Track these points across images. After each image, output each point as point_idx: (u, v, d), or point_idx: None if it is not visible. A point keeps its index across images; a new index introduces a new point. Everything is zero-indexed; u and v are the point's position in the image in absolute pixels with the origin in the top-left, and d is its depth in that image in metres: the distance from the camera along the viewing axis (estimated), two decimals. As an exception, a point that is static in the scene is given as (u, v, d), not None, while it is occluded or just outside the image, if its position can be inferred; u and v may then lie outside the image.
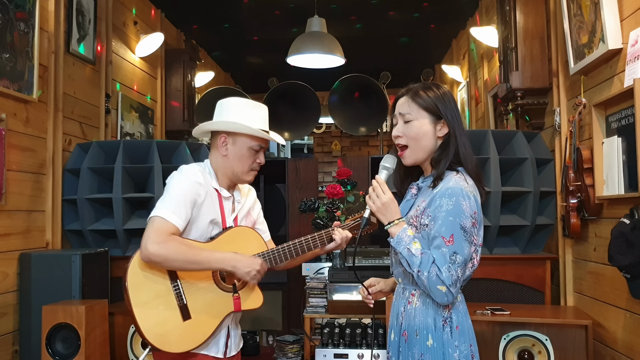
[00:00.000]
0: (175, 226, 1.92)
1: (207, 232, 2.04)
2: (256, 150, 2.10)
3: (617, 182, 2.48)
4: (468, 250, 1.64)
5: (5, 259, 2.98)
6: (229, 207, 2.13)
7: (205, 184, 2.03)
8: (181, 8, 5.20)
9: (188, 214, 1.96)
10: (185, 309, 1.97)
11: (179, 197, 1.96)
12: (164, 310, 1.95)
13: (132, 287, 1.92)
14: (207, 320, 2.00)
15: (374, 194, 1.77)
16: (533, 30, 3.42)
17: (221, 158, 2.10)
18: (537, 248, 3.28)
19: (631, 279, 2.32)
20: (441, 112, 1.74)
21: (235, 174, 2.10)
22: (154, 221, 1.92)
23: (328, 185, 4.26)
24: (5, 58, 2.91)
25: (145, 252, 1.88)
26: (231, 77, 7.61)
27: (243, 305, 2.05)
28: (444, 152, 1.74)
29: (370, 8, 5.22)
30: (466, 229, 1.63)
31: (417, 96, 1.76)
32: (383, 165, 1.83)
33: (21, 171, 3.10)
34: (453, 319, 1.69)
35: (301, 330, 3.91)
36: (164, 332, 1.94)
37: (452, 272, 1.61)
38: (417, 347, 1.69)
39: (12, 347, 3.02)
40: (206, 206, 2.03)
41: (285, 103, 5.78)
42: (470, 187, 1.69)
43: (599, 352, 2.77)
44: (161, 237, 1.89)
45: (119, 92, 4.29)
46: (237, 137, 2.08)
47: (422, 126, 1.75)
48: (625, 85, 2.39)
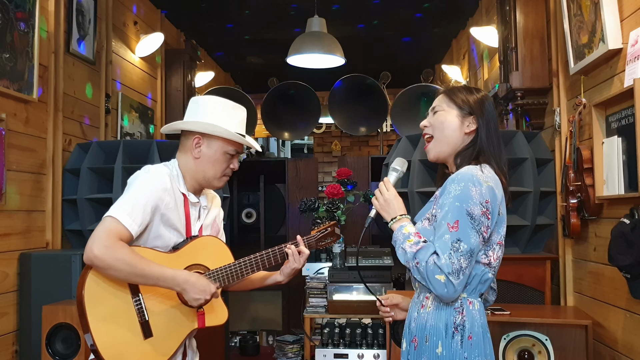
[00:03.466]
0: (127, 231, 1.76)
1: (171, 240, 1.90)
2: (231, 155, 1.96)
3: (617, 182, 2.48)
4: (475, 240, 1.53)
5: (5, 259, 2.98)
6: (195, 213, 1.98)
7: (171, 189, 1.87)
8: (181, 8, 5.20)
9: (145, 220, 1.80)
10: (147, 326, 1.81)
11: (139, 199, 1.79)
12: (123, 328, 1.79)
13: (89, 301, 1.75)
14: (170, 338, 1.85)
15: (378, 192, 1.75)
16: (533, 30, 3.42)
17: (192, 160, 1.94)
18: (537, 248, 3.28)
19: (631, 279, 2.32)
20: (472, 108, 1.71)
21: (207, 178, 1.95)
22: (105, 221, 1.76)
23: (328, 185, 4.26)
24: (5, 58, 2.91)
25: (89, 254, 1.73)
26: (231, 77, 7.61)
27: (207, 321, 1.90)
28: (468, 150, 1.70)
29: (370, 8, 5.22)
30: (474, 216, 1.53)
31: (451, 92, 1.76)
32: (392, 167, 1.80)
33: (21, 171, 3.10)
34: (466, 327, 1.58)
35: (301, 330, 3.91)
36: (123, 352, 1.78)
37: (453, 259, 1.49)
38: (426, 354, 1.61)
39: (12, 347, 3.03)
40: (171, 213, 1.87)
41: (285, 103, 5.78)
42: (486, 176, 1.61)
43: (599, 352, 2.77)
44: (110, 240, 1.72)
45: (119, 92, 4.29)
46: (213, 139, 1.92)
47: (447, 116, 1.73)
48: (625, 85, 2.39)
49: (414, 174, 3.20)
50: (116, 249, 1.73)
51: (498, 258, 1.64)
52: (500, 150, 1.72)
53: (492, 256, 1.61)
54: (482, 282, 1.63)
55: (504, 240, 1.67)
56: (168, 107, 5.13)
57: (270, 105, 5.70)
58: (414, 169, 3.21)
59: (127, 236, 1.77)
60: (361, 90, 5.65)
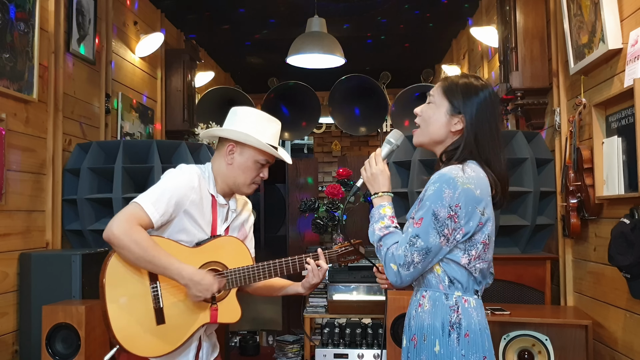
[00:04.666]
0: (149, 218, 1.87)
1: (195, 236, 1.99)
2: (262, 165, 2.07)
3: (617, 182, 2.48)
4: (435, 240, 1.56)
5: (5, 259, 2.98)
6: (222, 214, 2.08)
7: (199, 188, 1.98)
8: (181, 8, 5.20)
9: (168, 212, 1.91)
10: (160, 313, 1.90)
11: (165, 192, 1.92)
12: (138, 312, 1.88)
13: (109, 282, 1.87)
14: (181, 327, 1.93)
15: (367, 164, 1.78)
16: (533, 30, 3.42)
17: (225, 166, 2.06)
18: (537, 248, 3.28)
19: (631, 279, 2.32)
20: (463, 108, 1.66)
21: (237, 184, 2.06)
22: (130, 206, 1.89)
23: (328, 185, 4.26)
24: (5, 58, 2.91)
25: (108, 232, 1.84)
26: (231, 77, 7.61)
27: (220, 317, 1.98)
28: (454, 150, 1.68)
29: (370, 8, 5.22)
30: (438, 218, 1.55)
31: (447, 84, 1.72)
32: (387, 140, 1.81)
33: (21, 171, 3.10)
34: (462, 325, 1.60)
35: (301, 330, 3.91)
36: (135, 335, 1.87)
37: (406, 253, 1.57)
38: (425, 352, 1.63)
39: (12, 347, 3.02)
40: (195, 210, 1.98)
41: (285, 103, 5.78)
42: (466, 179, 1.58)
43: (599, 352, 2.77)
44: (130, 223, 1.84)
45: (119, 92, 4.29)
46: (246, 148, 2.04)
47: (437, 112, 1.71)
48: (625, 85, 2.39)
49: (414, 174, 3.20)
50: (134, 231, 1.84)
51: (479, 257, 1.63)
52: (496, 152, 1.68)
53: (473, 255, 1.62)
54: (475, 281, 1.65)
55: (493, 239, 1.67)
56: (168, 107, 5.13)
57: (270, 105, 5.70)
58: (414, 169, 3.21)
59: (147, 223, 1.88)
60: (361, 90, 5.65)
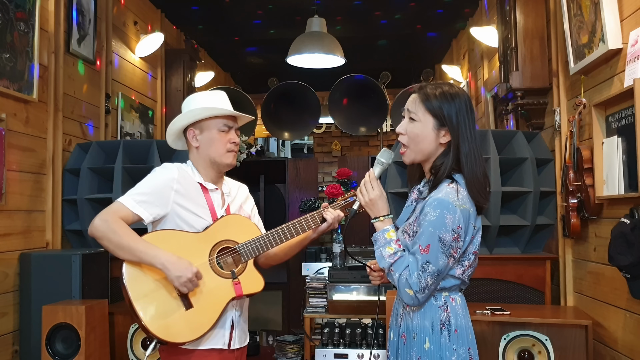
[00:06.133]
0: (129, 210, 1.95)
1: (197, 224, 2.04)
2: (226, 131, 2.09)
3: (617, 182, 2.48)
4: (444, 262, 1.64)
5: (5, 259, 2.98)
6: (217, 199, 2.12)
7: (180, 178, 2.04)
8: (181, 8, 5.20)
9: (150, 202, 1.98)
10: (186, 298, 1.93)
11: (143, 185, 2.01)
12: (165, 301, 1.91)
13: (130, 280, 1.91)
14: (210, 307, 1.96)
15: (364, 189, 1.81)
16: (533, 30, 3.42)
17: (196, 151, 2.10)
18: (537, 248, 3.28)
19: (631, 279, 2.32)
20: (445, 119, 1.70)
21: (213, 159, 2.09)
22: (113, 204, 1.99)
23: (328, 185, 4.26)
24: (5, 58, 2.91)
25: (90, 226, 1.94)
26: (231, 77, 7.61)
27: (244, 289, 2.01)
28: (444, 161, 1.72)
29: (370, 8, 5.22)
30: (445, 242, 1.63)
31: (426, 98, 1.73)
32: (378, 160, 1.84)
33: (21, 171, 3.10)
34: (452, 322, 1.70)
35: (301, 330, 3.91)
36: (168, 323, 1.90)
37: (421, 279, 1.64)
38: (415, 349, 1.70)
39: (12, 347, 3.03)
40: (185, 200, 2.03)
41: (285, 103, 5.78)
42: (461, 200, 1.66)
43: (599, 352, 2.77)
44: (109, 215, 1.93)
45: (119, 92, 4.29)
46: (202, 123, 2.08)
47: (424, 129, 1.73)
48: (625, 85, 2.39)
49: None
50: (112, 221, 1.93)
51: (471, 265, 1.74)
52: (477, 157, 1.72)
53: (467, 265, 1.72)
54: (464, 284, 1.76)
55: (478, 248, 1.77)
56: (168, 107, 5.13)
57: (270, 105, 5.70)
58: (414, 169, 3.21)
59: (129, 215, 1.96)
60: (361, 90, 5.65)
